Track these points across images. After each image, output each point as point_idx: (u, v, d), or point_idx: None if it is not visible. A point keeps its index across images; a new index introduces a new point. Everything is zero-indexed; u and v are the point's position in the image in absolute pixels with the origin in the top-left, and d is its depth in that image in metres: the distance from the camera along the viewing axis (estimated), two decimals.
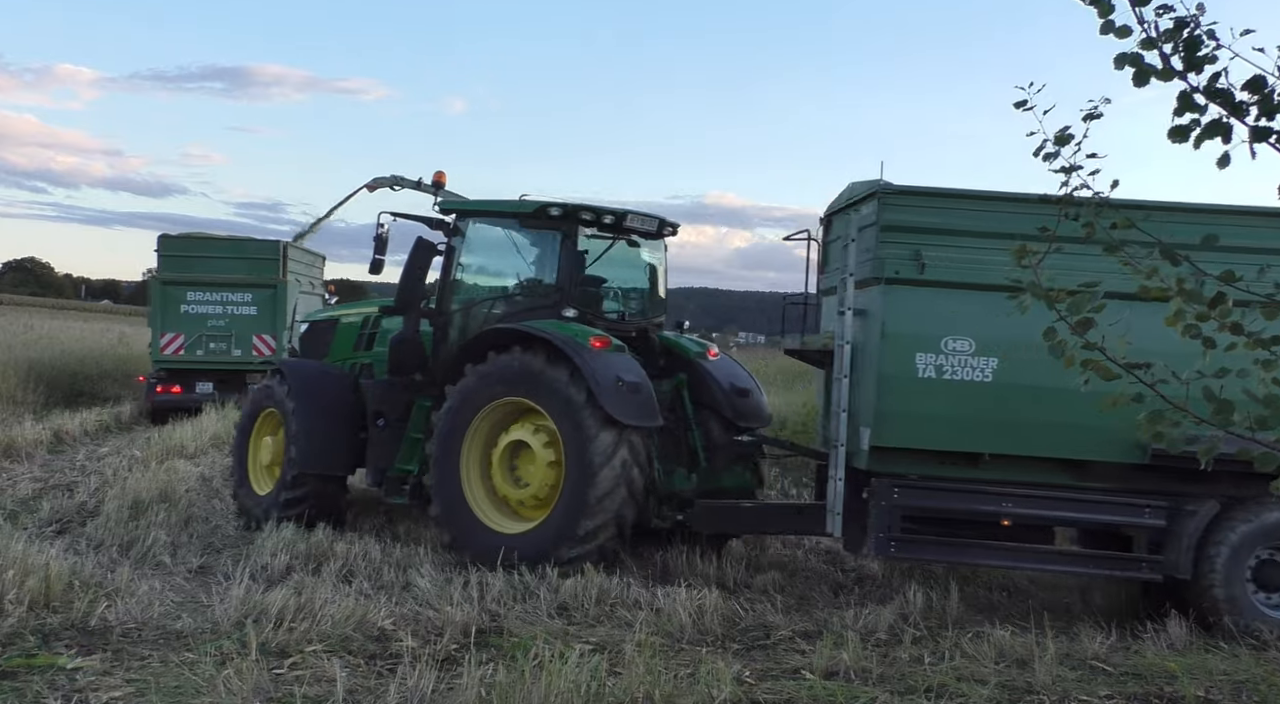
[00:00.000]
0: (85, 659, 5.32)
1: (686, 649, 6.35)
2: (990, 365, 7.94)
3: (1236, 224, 7.41)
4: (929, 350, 7.96)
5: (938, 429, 7.94)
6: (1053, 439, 7.83)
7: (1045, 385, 7.70)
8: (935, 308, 7.99)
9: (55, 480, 11.18)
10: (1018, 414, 7.83)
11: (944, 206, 8.13)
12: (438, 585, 7.23)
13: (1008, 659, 6.39)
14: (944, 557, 8.23)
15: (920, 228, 8.01)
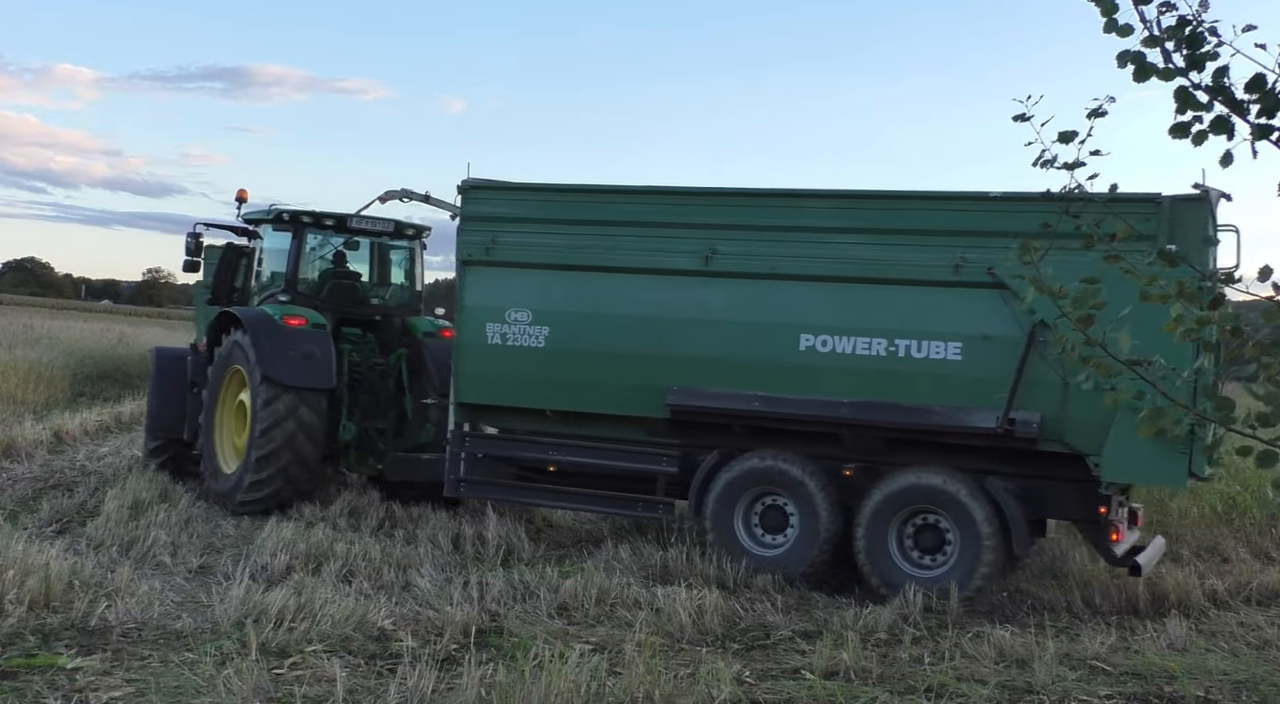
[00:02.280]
0: (85, 659, 5.31)
1: (686, 649, 6.34)
2: (544, 333, 9.28)
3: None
4: (496, 321, 9.39)
5: (504, 388, 9.43)
6: (594, 397, 9.14)
7: (587, 350, 9.12)
8: (501, 284, 9.45)
9: (55, 480, 11.16)
10: (566, 375, 9.19)
11: (513, 198, 9.66)
12: (438, 585, 7.22)
13: (1008, 659, 6.38)
14: (503, 497, 9.87)
15: (494, 217, 9.51)
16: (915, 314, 8.32)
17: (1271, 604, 8.49)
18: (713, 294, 8.89)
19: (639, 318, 9.04)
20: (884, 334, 8.37)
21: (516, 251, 9.44)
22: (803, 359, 8.51)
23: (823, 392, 8.45)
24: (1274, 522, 11.07)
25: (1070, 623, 7.57)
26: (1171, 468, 7.59)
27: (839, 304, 8.53)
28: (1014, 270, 7.71)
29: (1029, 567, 9.45)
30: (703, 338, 8.84)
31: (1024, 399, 7.91)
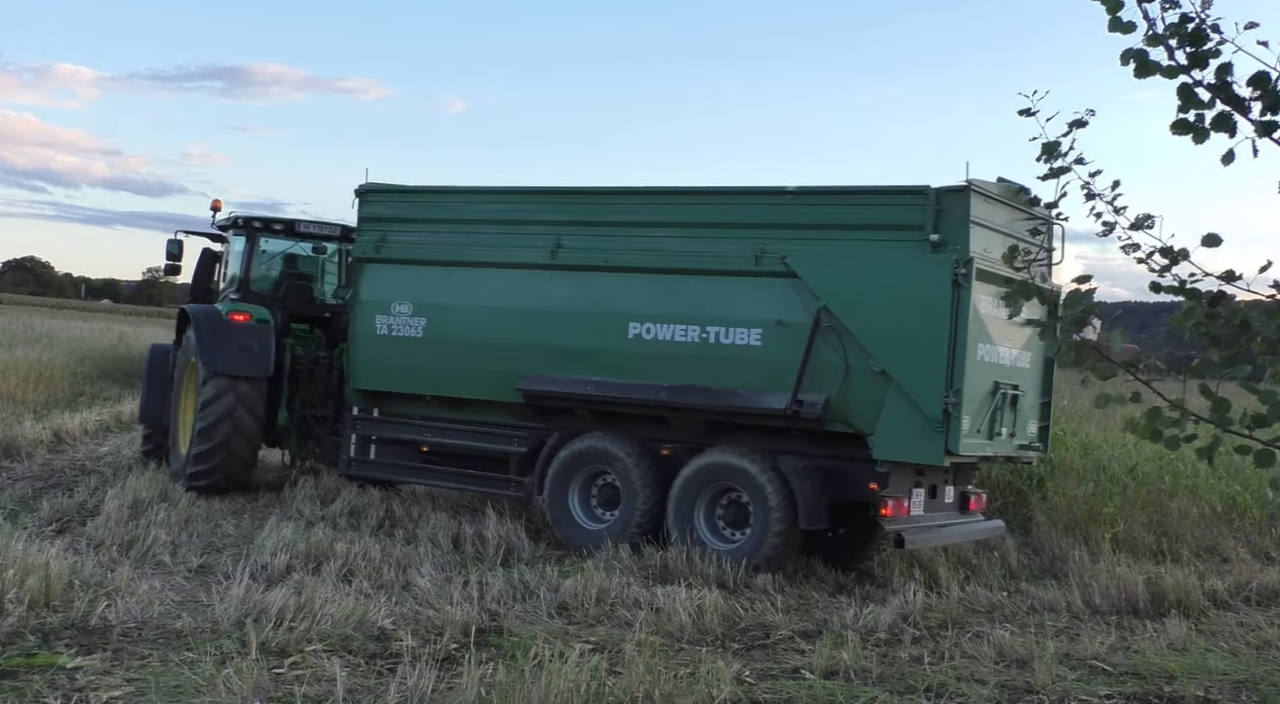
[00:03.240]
0: (85, 659, 5.30)
1: (686, 649, 6.34)
2: (421, 324, 10.27)
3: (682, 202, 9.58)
4: (384, 313, 10.45)
5: (390, 376, 10.47)
6: (463, 383, 10.06)
7: (455, 339, 10.07)
8: (388, 280, 10.52)
9: (55, 480, 11.17)
10: (439, 363, 10.13)
11: (399, 200, 10.78)
12: (438, 585, 7.22)
13: (1007, 659, 6.38)
14: (385, 476, 10.84)
15: (385, 218, 10.63)
16: (723, 302, 9.00)
17: (1271, 604, 8.50)
18: (558, 286, 9.73)
19: (498, 309, 9.99)
20: (698, 322, 9.05)
21: (401, 249, 10.54)
22: (631, 346, 9.25)
23: (649, 377, 9.15)
24: (1274, 521, 11.09)
25: (1070, 623, 7.58)
26: (930, 446, 8.15)
27: (660, 294, 9.28)
28: (804, 259, 8.63)
29: (1029, 566, 9.46)
30: (550, 327, 9.68)
31: (811, 382, 8.51)
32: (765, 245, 8.79)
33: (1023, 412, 9.05)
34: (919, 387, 8.19)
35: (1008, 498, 11.67)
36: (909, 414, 8.21)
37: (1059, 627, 7.37)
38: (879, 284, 8.45)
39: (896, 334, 8.32)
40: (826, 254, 8.65)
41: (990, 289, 8.35)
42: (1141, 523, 10.40)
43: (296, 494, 10.63)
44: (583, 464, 9.42)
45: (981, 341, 8.40)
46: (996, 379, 8.64)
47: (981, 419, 8.49)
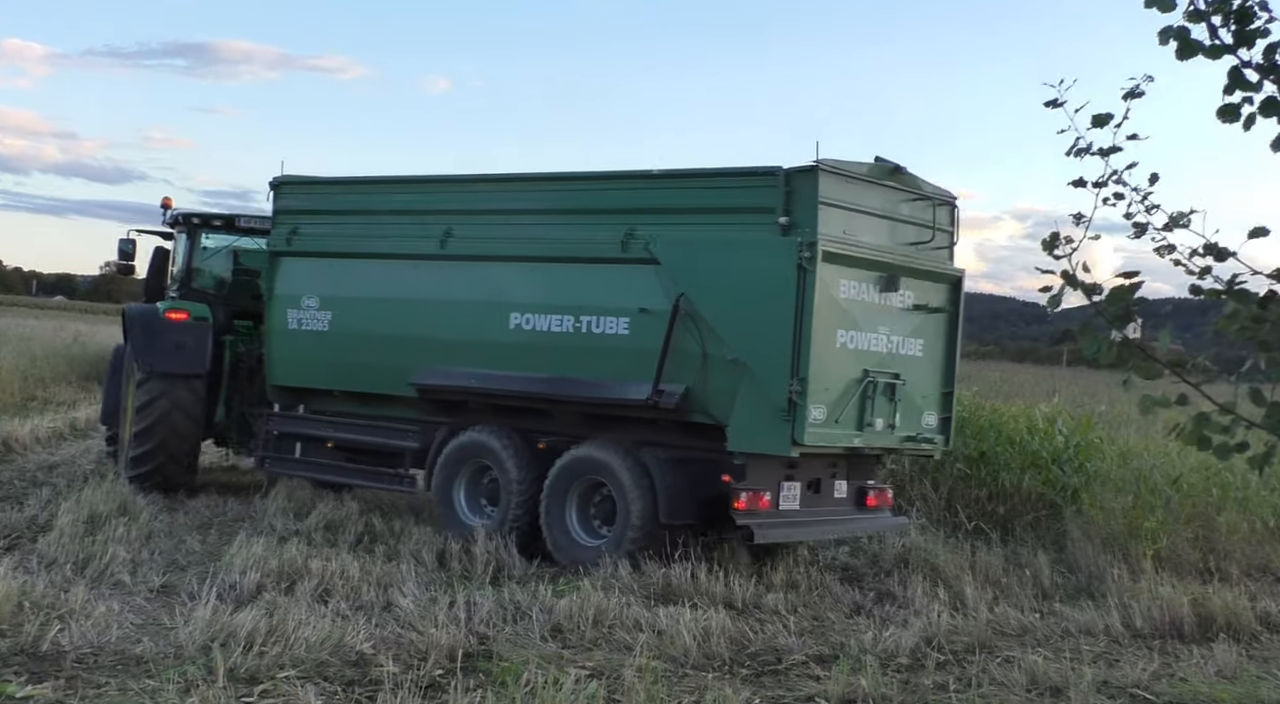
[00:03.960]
0: (36, 687, 5.31)
1: (691, 675, 6.35)
2: (327, 318, 10.96)
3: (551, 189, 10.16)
4: (295, 307, 11.12)
5: (302, 370, 11.20)
6: (365, 377, 10.67)
7: (356, 332, 10.74)
8: (299, 274, 11.17)
9: (4, 492, 11.16)
10: (343, 357, 10.82)
11: (308, 192, 11.43)
12: (421, 605, 7.22)
13: (1040, 686, 6.38)
14: (296, 472, 11.47)
15: (296, 210, 11.30)
16: (595, 291, 9.42)
17: None
18: (447, 277, 10.32)
19: (395, 301, 10.64)
20: (572, 311, 9.48)
21: (310, 242, 11.23)
22: (513, 337, 9.75)
23: (530, 368, 9.63)
24: None
25: (1109, 647, 7.58)
26: (777, 437, 8.46)
27: (538, 283, 9.76)
28: (665, 245, 9.01)
29: (1063, 586, 9.46)
30: (441, 319, 10.26)
31: (672, 371, 8.85)
32: (632, 231, 9.17)
33: (909, 401, 9.33)
34: (767, 374, 8.50)
35: (1039, 511, 11.67)
36: (760, 403, 8.52)
37: (1096, 651, 7.37)
38: (732, 269, 8.78)
39: (747, 321, 8.65)
40: (684, 239, 9.04)
41: (856, 273, 8.78)
42: (1186, 539, 10.38)
43: (268, 507, 10.64)
44: (467, 458, 9.99)
45: (843, 328, 8.71)
46: (866, 367, 8.91)
47: (843, 409, 8.74)
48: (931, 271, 9.62)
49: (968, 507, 12.12)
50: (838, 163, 8.76)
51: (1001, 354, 60.25)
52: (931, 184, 9.69)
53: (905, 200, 9.44)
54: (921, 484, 12.92)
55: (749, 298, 8.69)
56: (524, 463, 9.60)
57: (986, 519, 11.65)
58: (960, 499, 12.39)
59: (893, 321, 9.14)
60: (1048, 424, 12.75)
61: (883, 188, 9.20)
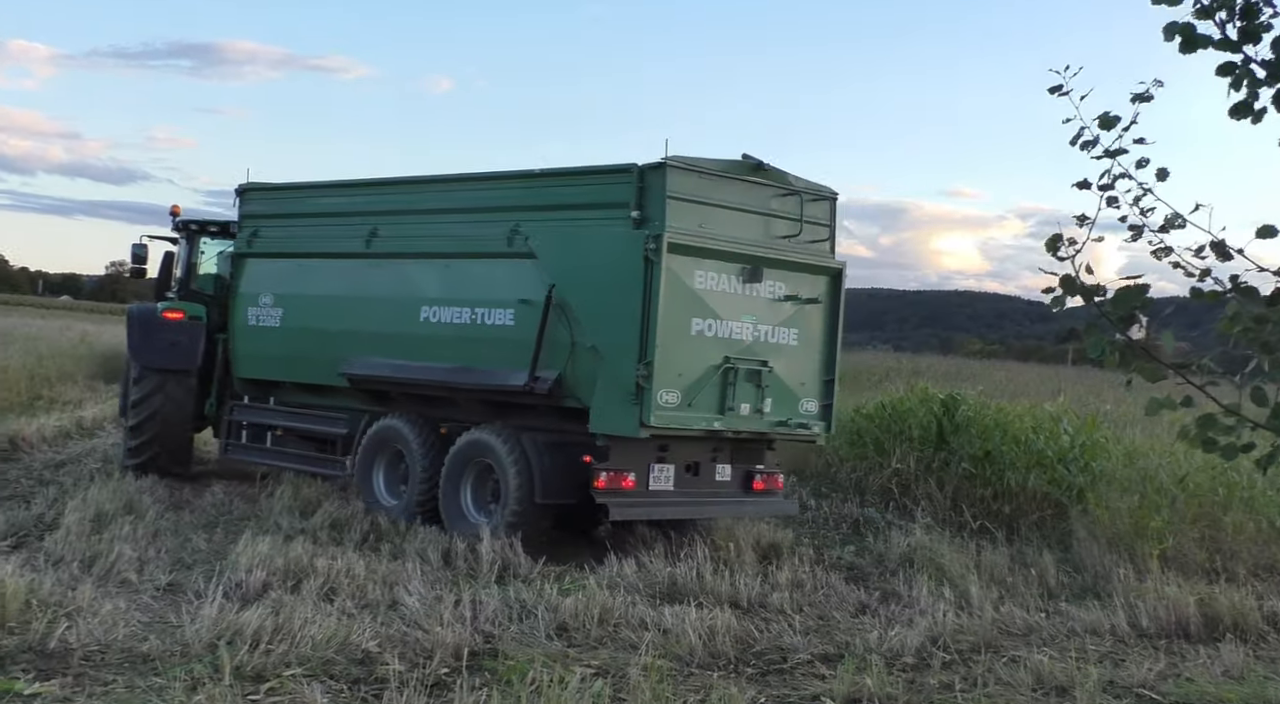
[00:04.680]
0: (44, 684, 5.32)
1: (696, 674, 6.35)
2: (279, 314, 11.94)
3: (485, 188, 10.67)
4: (254, 305, 12.18)
5: (259, 364, 12.24)
6: (308, 369, 11.59)
7: (300, 328, 11.69)
8: (258, 273, 12.24)
9: (11, 491, 11.20)
10: (290, 351, 11.79)
11: (266, 197, 12.48)
12: (427, 604, 7.23)
13: (1046, 686, 6.38)
14: (251, 458, 12.48)
15: (258, 214, 12.38)
16: (486, 285, 10.10)
17: None
18: (372, 274, 11.16)
19: (327, 298, 11.58)
20: (468, 304, 10.18)
21: (267, 244, 12.27)
22: (423, 330, 10.48)
23: (437, 359, 10.32)
24: None
25: (1114, 647, 7.57)
26: (627, 419, 8.97)
27: (442, 278, 10.49)
28: (540, 240, 9.62)
29: (1069, 585, 9.46)
30: (366, 313, 11.10)
31: (547, 359, 9.45)
32: (516, 228, 9.82)
33: (781, 388, 9.75)
34: (618, 360, 9.03)
35: (1045, 511, 11.67)
36: (613, 388, 9.06)
37: (1102, 651, 7.37)
38: (592, 262, 9.39)
39: (602, 310, 9.24)
40: (556, 234, 9.66)
41: (714, 264, 9.25)
42: (1193, 539, 10.37)
43: (274, 505, 10.67)
44: (384, 443, 10.78)
45: (699, 317, 9.21)
46: (728, 354, 9.35)
47: (698, 393, 9.19)
48: (805, 264, 9.99)
49: (973, 506, 12.12)
50: (690, 159, 9.21)
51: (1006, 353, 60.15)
52: (806, 180, 10.08)
53: (776, 195, 9.83)
54: (926, 483, 12.93)
55: (605, 288, 9.23)
56: (428, 447, 10.34)
57: (992, 518, 11.65)
58: (965, 498, 12.39)
59: (760, 311, 9.57)
60: (1053, 423, 12.74)
61: (746, 183, 9.61)
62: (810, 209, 10.02)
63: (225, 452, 12.79)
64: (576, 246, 9.49)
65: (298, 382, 11.92)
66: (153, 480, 11.90)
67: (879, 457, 14.20)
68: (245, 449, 12.51)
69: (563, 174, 9.97)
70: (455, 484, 10.00)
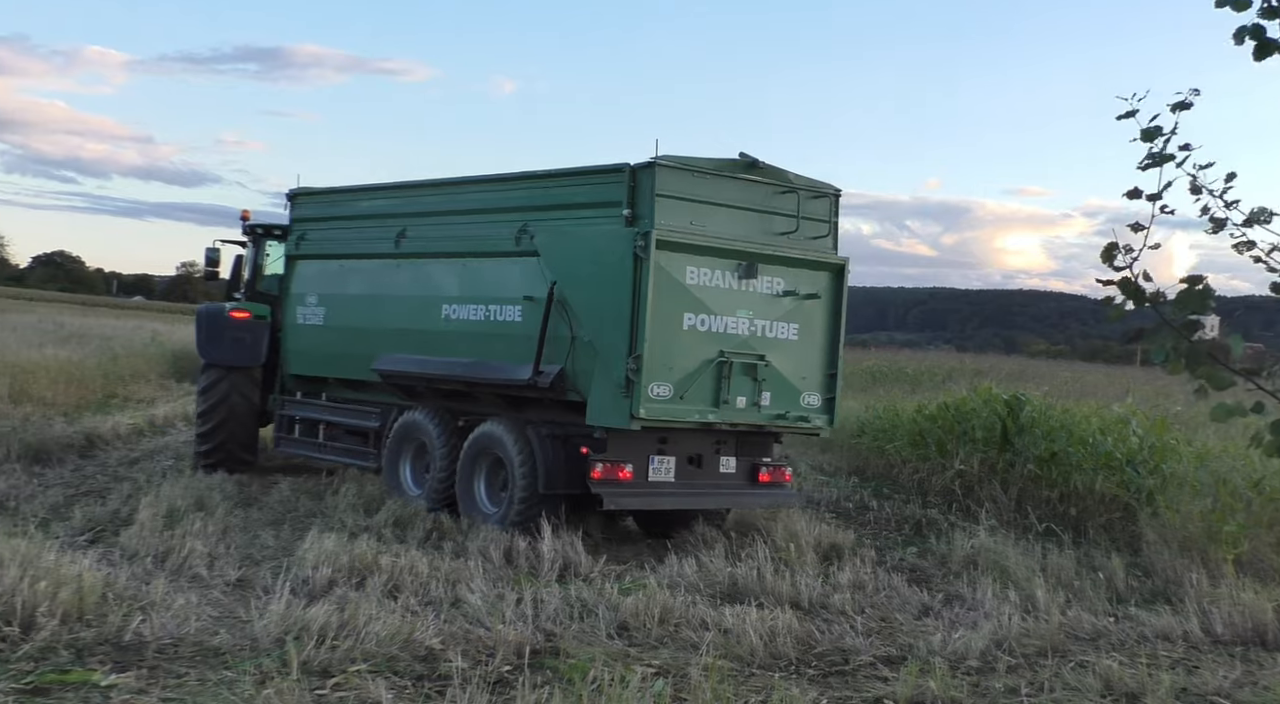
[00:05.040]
0: (120, 676, 5.45)
1: (758, 674, 6.33)
2: (322, 313, 12.52)
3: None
4: (302, 305, 12.78)
5: (307, 361, 12.80)
6: (348, 365, 12.08)
7: (340, 326, 12.28)
8: (306, 274, 12.82)
9: (87, 487, 11.48)
10: (332, 348, 12.33)
11: (314, 201, 13.07)
12: (489, 602, 7.28)
13: (1116, 692, 6.26)
14: (300, 452, 13.10)
15: (306, 218, 13.01)
16: (498, 283, 10.46)
17: None
18: (400, 274, 11.62)
19: (363, 297, 12.10)
20: (483, 302, 10.56)
21: (312, 246, 12.81)
22: (445, 327, 10.90)
23: (456, 354, 10.69)
24: None
25: (1187, 653, 7.41)
26: (619, 412, 9.22)
27: (461, 277, 10.87)
28: (544, 239, 9.90)
29: (1139, 590, 9.28)
30: (395, 311, 11.59)
31: (550, 353, 9.70)
32: (524, 227, 10.15)
33: (781, 382, 9.90)
34: (611, 354, 9.27)
35: (1113, 513, 11.46)
36: (607, 381, 9.30)
37: (1174, 658, 7.21)
38: (589, 259, 9.63)
39: (597, 305, 9.48)
40: (557, 233, 9.93)
41: (707, 261, 9.45)
42: (1269, 543, 10.10)
43: (339, 503, 10.82)
44: (408, 436, 11.25)
45: (691, 311, 9.40)
46: (723, 348, 9.53)
47: (691, 386, 9.41)
48: (805, 259, 10.10)
49: (1038, 508, 11.94)
50: (681, 158, 9.42)
51: (1072, 353, 59.17)
52: (806, 177, 10.21)
53: (775, 193, 9.98)
54: (990, 485, 12.76)
55: (599, 284, 9.47)
56: (447, 440, 10.75)
57: (1058, 521, 11.47)
58: (1030, 500, 12.21)
59: (757, 306, 9.75)
60: (1121, 424, 12.50)
61: (741, 181, 9.77)
62: (810, 206, 10.14)
63: (278, 445, 13.40)
64: (575, 244, 9.76)
65: (339, 378, 12.43)
66: (222, 477, 12.16)
67: (941, 457, 14.06)
68: (294, 443, 13.15)
69: (563, 174, 10.27)
70: (470, 475, 10.40)
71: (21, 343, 22.25)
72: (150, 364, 25.50)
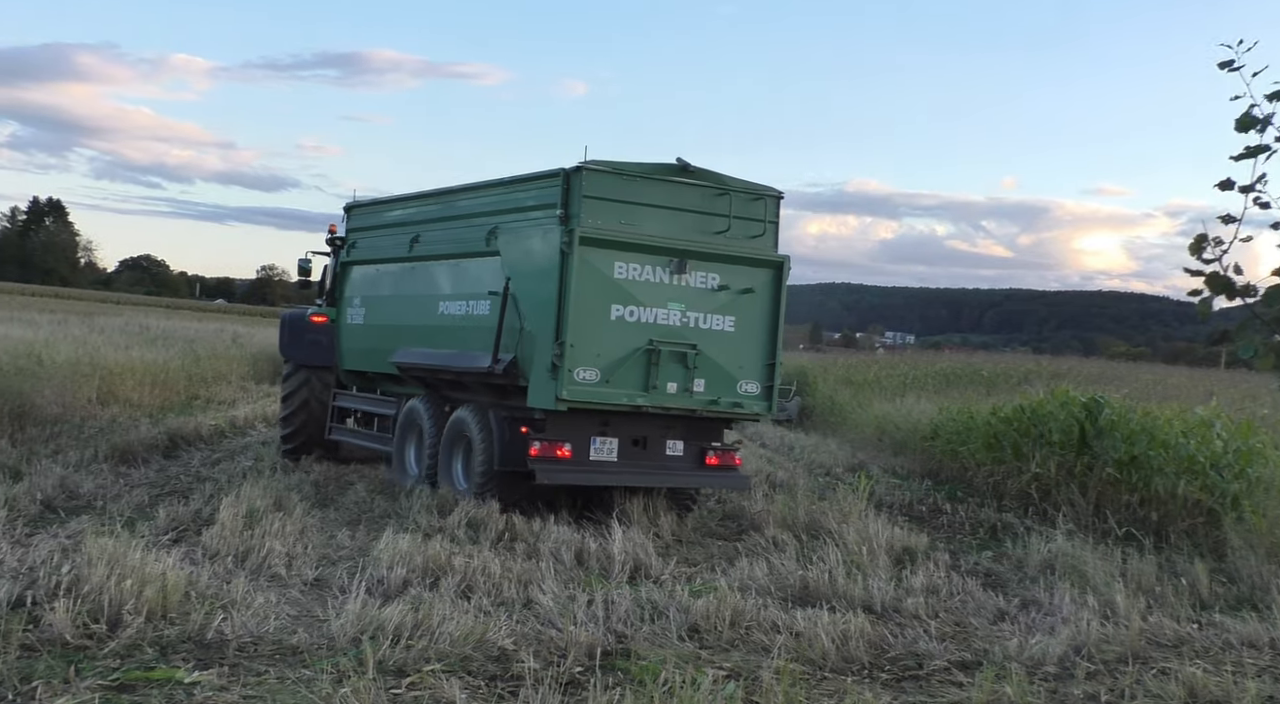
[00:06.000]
0: (203, 673, 5.56)
1: (830, 678, 6.28)
2: (362, 313, 13.76)
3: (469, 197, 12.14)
4: (351, 306, 13.99)
5: (354, 357, 13.96)
6: (374, 360, 13.23)
7: (372, 325, 13.51)
8: (354, 279, 14.13)
9: (171, 487, 11.76)
10: (368, 344, 13.52)
11: (364, 212, 14.29)
12: (560, 603, 7.32)
13: (1199, 700, 6.10)
14: (345, 439, 14.31)
15: (356, 227, 14.26)
16: (475, 280, 11.40)
17: None
18: (412, 275, 12.78)
19: (388, 297, 13.31)
20: (465, 298, 11.55)
21: (359, 253, 14.08)
22: (440, 322, 11.98)
23: (448, 346, 11.67)
24: None
25: (1275, 661, 7.19)
26: (548, 395, 10.08)
27: (451, 277, 11.96)
28: (503, 240, 10.90)
29: (1223, 596, 9.03)
30: (408, 310, 12.68)
31: (506, 343, 10.58)
32: (493, 229, 11.11)
33: (716, 370, 10.64)
34: (543, 342, 10.14)
35: (1196, 518, 11.16)
36: (541, 366, 10.15)
37: (1261, 665, 7.00)
38: (531, 257, 10.48)
39: (536, 298, 10.32)
40: (512, 233, 10.87)
41: (636, 257, 10.27)
42: None
43: (413, 504, 10.94)
44: (410, 423, 12.34)
45: (619, 303, 10.25)
46: (653, 337, 10.34)
47: (617, 371, 10.21)
48: (742, 256, 10.80)
49: (1118, 512, 11.69)
50: (610, 163, 10.25)
51: (1153, 356, 57.84)
52: (745, 181, 10.91)
53: (712, 195, 10.72)
54: (1068, 488, 12.52)
55: (538, 279, 10.32)
56: (436, 424, 11.84)
57: (1138, 526, 11.21)
58: (1109, 504, 11.95)
59: (690, 299, 10.54)
60: (1205, 427, 12.17)
61: (673, 184, 10.57)
62: (747, 207, 10.84)
63: (329, 434, 14.44)
64: (522, 243, 10.65)
65: (375, 371, 13.46)
66: (300, 478, 12.38)
67: (1017, 461, 13.83)
68: (341, 430, 14.38)
69: (518, 181, 11.16)
70: (450, 455, 11.49)
71: (109, 345, 22.84)
72: (231, 366, 26.09)
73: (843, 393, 25.87)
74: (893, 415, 20.16)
